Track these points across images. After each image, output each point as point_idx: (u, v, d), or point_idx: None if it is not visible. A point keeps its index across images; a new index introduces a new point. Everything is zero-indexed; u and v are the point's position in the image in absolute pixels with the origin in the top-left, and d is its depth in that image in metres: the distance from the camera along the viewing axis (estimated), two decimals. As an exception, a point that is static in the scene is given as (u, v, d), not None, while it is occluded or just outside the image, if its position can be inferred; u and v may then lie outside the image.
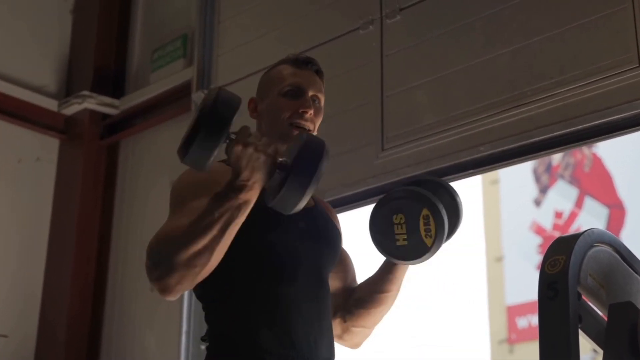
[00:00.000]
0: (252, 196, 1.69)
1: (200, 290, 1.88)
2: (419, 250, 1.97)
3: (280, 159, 1.69)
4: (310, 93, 1.98)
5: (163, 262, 1.71)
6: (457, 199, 2.13)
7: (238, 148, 1.67)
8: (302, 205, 1.67)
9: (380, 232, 2.00)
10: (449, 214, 2.01)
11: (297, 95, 1.97)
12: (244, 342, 1.79)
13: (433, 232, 1.95)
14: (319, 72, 2.04)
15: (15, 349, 4.37)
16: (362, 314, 2.08)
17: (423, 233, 1.95)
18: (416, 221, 1.95)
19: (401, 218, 1.96)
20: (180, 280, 1.70)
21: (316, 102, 1.99)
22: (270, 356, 1.77)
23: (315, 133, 1.99)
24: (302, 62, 2.02)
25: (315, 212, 2.00)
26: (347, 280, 2.12)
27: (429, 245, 1.95)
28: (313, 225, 1.95)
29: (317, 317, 1.87)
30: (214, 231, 1.67)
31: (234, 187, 1.68)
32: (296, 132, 1.93)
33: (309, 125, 1.95)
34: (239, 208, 1.68)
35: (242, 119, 1.84)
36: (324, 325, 1.89)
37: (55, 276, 4.51)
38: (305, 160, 1.66)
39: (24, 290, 4.49)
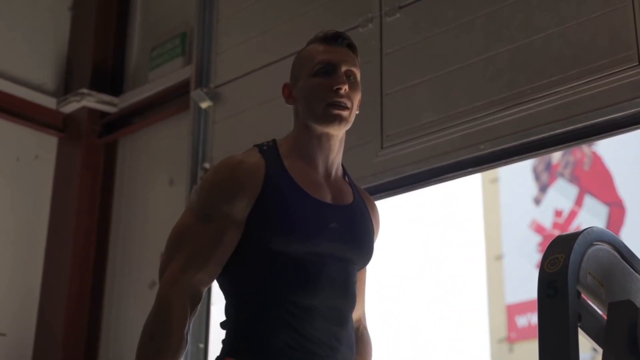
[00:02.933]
0: None
1: (225, 285, 1.85)
2: None
3: None
4: (344, 68, 1.87)
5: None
6: None
7: None
8: None
9: None
10: None
11: (329, 73, 1.86)
12: (261, 345, 1.76)
13: None
14: (351, 46, 1.92)
15: (13, 348, 4.36)
16: None
17: None
18: None
19: None
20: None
21: (351, 77, 1.88)
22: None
23: (355, 110, 1.89)
24: (332, 38, 1.91)
25: (351, 210, 1.91)
26: (355, 314, 1.98)
27: None
28: (345, 226, 1.86)
29: (339, 322, 1.82)
30: None
31: None
32: (335, 111, 1.83)
33: (345, 102, 1.84)
34: None
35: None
36: (345, 328, 1.84)
37: (53, 274, 4.50)
38: None
39: (22, 289, 4.48)
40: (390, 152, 3.32)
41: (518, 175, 5.18)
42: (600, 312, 1.69)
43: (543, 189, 5.21)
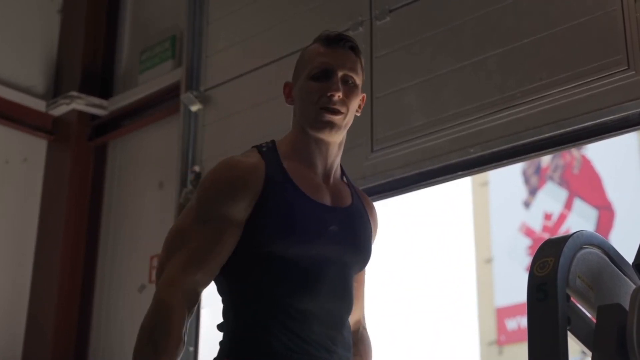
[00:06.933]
0: None
1: (223, 287, 1.85)
2: None
3: None
4: (340, 73, 1.85)
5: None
6: None
7: None
8: None
9: None
10: None
11: (325, 77, 1.84)
12: (259, 347, 1.75)
13: None
14: (353, 49, 1.89)
15: (3, 349, 4.35)
16: None
17: None
18: None
19: None
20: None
21: (349, 82, 1.86)
22: None
23: (352, 114, 1.89)
24: (333, 40, 1.88)
25: (350, 212, 1.91)
26: (354, 316, 2.00)
27: None
28: (344, 229, 1.85)
29: (336, 325, 1.82)
30: None
31: None
32: (327, 117, 1.83)
33: (338, 107, 1.84)
34: None
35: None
36: (342, 331, 1.84)
37: (43, 277, 4.49)
38: None
39: (12, 291, 4.47)
40: (381, 155, 3.32)
41: (508, 178, 5.19)
42: (589, 315, 1.69)
43: (533, 192, 5.23)
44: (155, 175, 4.40)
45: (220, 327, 1.84)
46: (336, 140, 1.89)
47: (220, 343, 1.83)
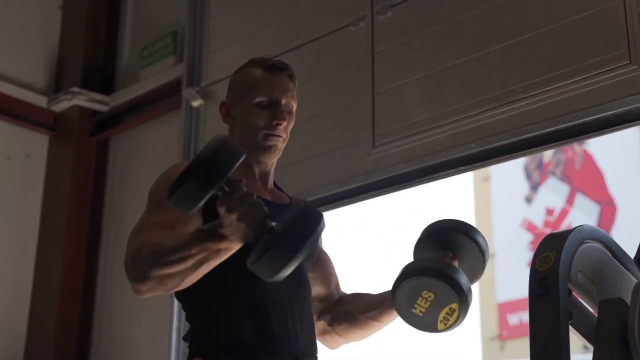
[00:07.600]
0: (232, 247, 1.62)
1: (180, 292, 1.87)
2: (427, 326, 2.02)
3: (271, 224, 1.54)
4: (284, 101, 1.99)
5: (138, 270, 1.70)
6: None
7: (222, 209, 1.55)
8: (282, 276, 1.52)
9: (405, 292, 2.01)
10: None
11: (270, 106, 1.98)
12: (225, 338, 1.81)
13: (450, 323, 2.00)
14: (292, 77, 2.04)
15: (5, 348, 4.35)
16: (349, 328, 2.13)
17: (440, 318, 1.99)
18: (441, 307, 1.98)
19: (430, 296, 1.99)
20: (152, 289, 1.71)
21: (288, 109, 2.00)
22: (251, 350, 1.79)
23: (287, 138, 2.01)
24: (277, 68, 2.02)
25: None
26: (331, 286, 2.15)
27: (439, 329, 2.00)
28: None
29: (297, 312, 1.89)
30: (188, 264, 1.63)
31: (216, 233, 1.59)
32: (271, 141, 1.96)
33: (281, 134, 1.98)
34: (217, 252, 1.62)
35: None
36: (305, 319, 1.91)
37: (45, 274, 4.49)
38: (297, 231, 1.51)
39: (13, 290, 4.47)
40: (382, 150, 3.32)
41: (510, 173, 5.19)
42: (591, 309, 1.69)
43: (534, 187, 5.23)
44: (157, 170, 4.34)
45: (185, 336, 1.90)
46: (274, 161, 2.04)
47: (189, 346, 1.88)
